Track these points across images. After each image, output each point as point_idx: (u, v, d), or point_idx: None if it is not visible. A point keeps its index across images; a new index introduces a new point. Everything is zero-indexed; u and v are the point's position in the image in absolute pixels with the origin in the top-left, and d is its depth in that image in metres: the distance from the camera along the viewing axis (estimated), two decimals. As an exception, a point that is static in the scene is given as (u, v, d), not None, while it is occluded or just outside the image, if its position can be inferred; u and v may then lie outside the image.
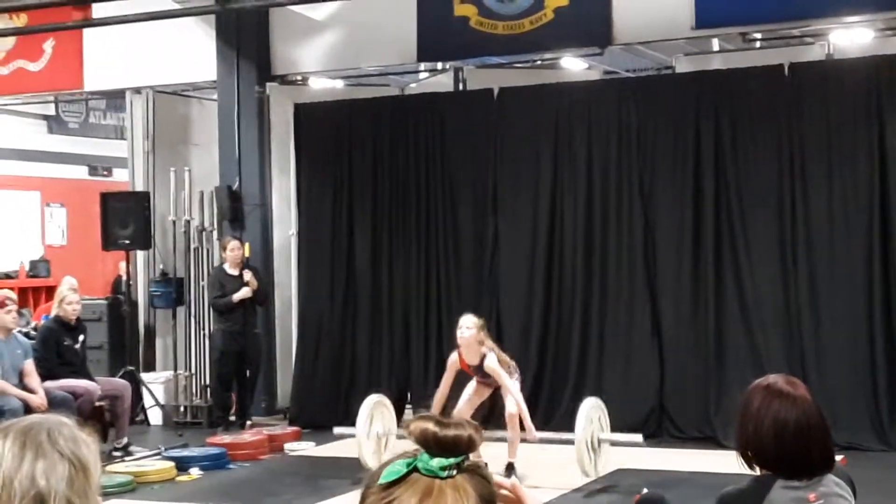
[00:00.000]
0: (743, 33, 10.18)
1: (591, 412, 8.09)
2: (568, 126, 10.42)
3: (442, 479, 1.43)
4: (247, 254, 10.84)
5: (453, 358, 8.25)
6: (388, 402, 8.75)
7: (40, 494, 1.80)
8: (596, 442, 8.10)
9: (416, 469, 1.44)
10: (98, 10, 8.91)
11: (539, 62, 11.40)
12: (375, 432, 8.40)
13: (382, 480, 1.48)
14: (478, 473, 1.47)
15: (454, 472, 1.43)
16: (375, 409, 8.50)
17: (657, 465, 8.62)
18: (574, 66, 11.22)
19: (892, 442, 9.10)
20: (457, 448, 1.45)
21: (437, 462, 1.43)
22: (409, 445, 1.50)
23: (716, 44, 10.96)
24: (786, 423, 3.15)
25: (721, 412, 9.45)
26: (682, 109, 10.01)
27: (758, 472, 3.27)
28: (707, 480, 8.02)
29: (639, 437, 8.40)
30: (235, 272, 10.55)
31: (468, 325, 8.15)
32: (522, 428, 8.06)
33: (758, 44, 10.47)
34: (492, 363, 8.06)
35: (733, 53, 10.62)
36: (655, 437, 9.70)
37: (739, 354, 9.59)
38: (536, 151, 10.47)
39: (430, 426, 1.46)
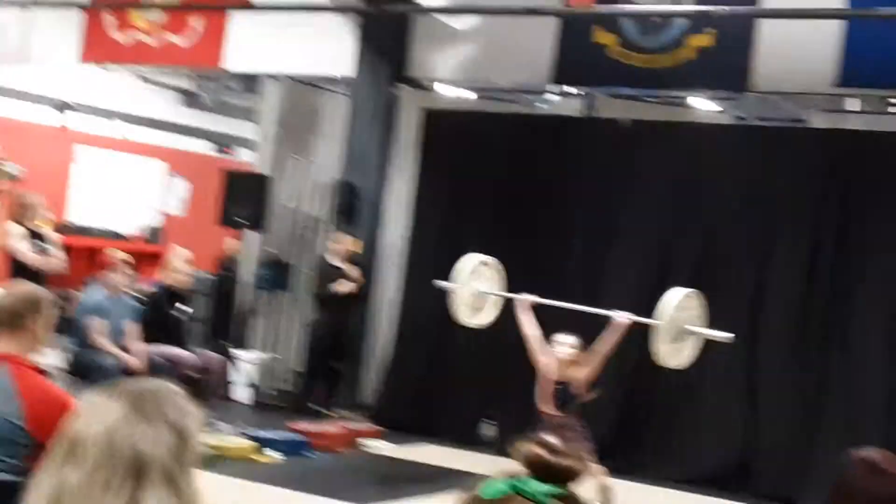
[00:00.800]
0: (885, 97, 9.96)
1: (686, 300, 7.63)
2: (693, 167, 10.30)
3: (538, 501, 1.44)
4: (358, 250, 10.94)
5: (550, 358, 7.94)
6: (494, 262, 8.49)
7: (141, 460, 1.82)
8: (681, 333, 7.63)
9: (518, 491, 1.46)
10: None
11: (671, 99, 11.29)
12: (476, 289, 8.25)
13: (483, 494, 1.48)
14: (576, 503, 1.48)
15: (556, 500, 1.45)
16: (478, 268, 8.35)
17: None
18: (705, 107, 11.10)
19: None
20: (564, 477, 1.46)
21: (540, 487, 1.45)
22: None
23: (854, 104, 10.74)
24: (879, 501, 3.07)
25: (808, 476, 9.24)
26: (812, 166, 9.83)
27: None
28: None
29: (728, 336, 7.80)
30: (340, 265, 10.66)
31: (569, 345, 7.84)
32: None
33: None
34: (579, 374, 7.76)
35: (868, 116, 10.39)
36: (738, 492, 9.52)
37: (837, 424, 9.34)
38: (657, 189, 10.37)
39: (544, 453, 1.47)
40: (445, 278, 11.12)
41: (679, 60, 10.11)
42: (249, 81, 13.87)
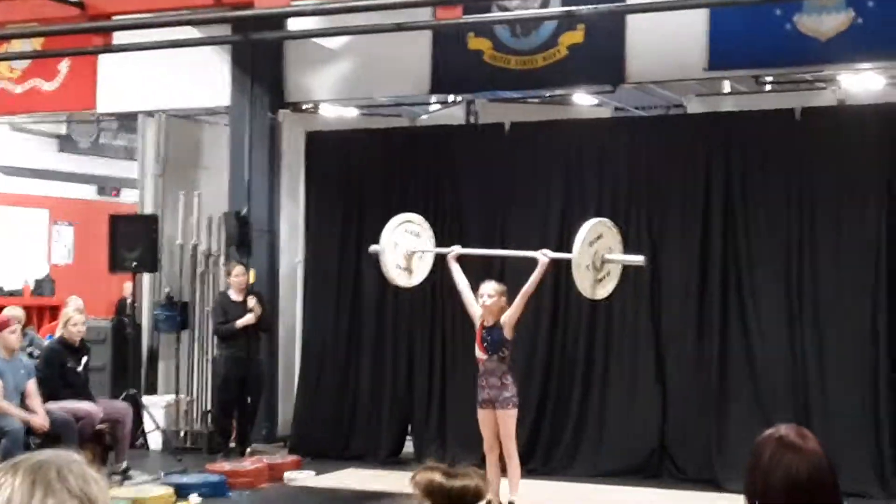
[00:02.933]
0: (755, 76, 10.21)
1: (593, 231, 7.77)
2: (578, 163, 10.43)
3: None
4: (252, 280, 10.83)
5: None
6: (420, 220, 8.56)
7: None
8: (599, 262, 7.79)
9: None
10: (118, 37, 8.94)
11: (550, 97, 11.42)
12: (404, 249, 8.25)
13: None
14: None
15: None
16: (397, 233, 8.33)
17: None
18: (585, 101, 11.25)
19: (895, 491, 9.06)
20: (464, 499, 1.42)
21: None
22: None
23: (727, 85, 10.99)
24: (797, 477, 3.13)
25: (723, 455, 9.41)
26: (693, 150, 10.02)
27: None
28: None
29: (639, 258, 8.05)
30: (240, 298, 10.54)
31: (489, 293, 8.17)
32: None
33: (769, 87, 10.49)
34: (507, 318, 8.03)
35: (744, 96, 10.64)
36: (656, 477, 9.66)
37: (743, 400, 9.55)
38: (546, 187, 10.47)
39: (437, 477, 1.43)
40: (345, 298, 11.11)
41: (553, 59, 10.23)
42: (126, 120, 13.65)
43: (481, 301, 8.21)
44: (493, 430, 8.16)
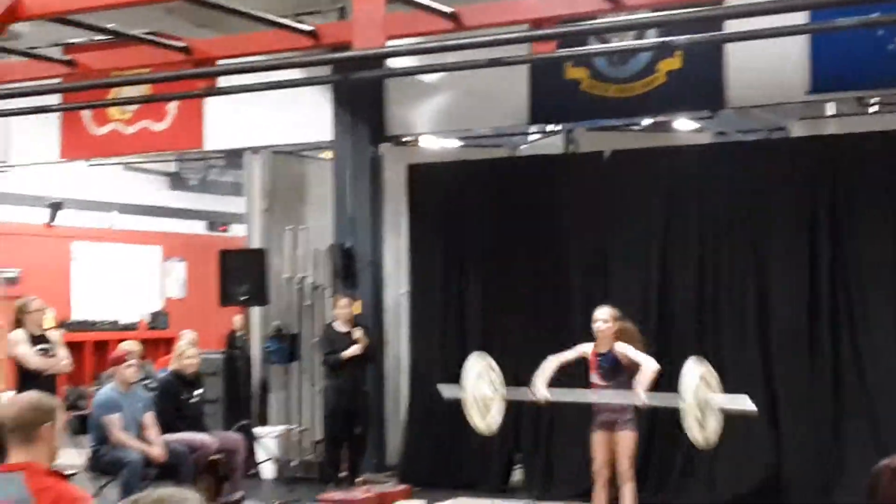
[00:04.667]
0: (859, 98, 10.08)
1: (698, 369, 7.70)
2: (679, 189, 10.40)
3: None
4: (357, 311, 11.00)
5: (583, 347, 8.20)
6: (493, 363, 8.58)
7: None
8: (704, 404, 7.66)
9: None
10: (222, 79, 9.23)
11: (649, 125, 11.42)
12: (483, 393, 8.32)
13: None
14: None
15: None
16: (483, 371, 8.42)
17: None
18: (684, 126, 11.22)
19: None
20: None
21: None
22: None
23: (831, 108, 10.86)
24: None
25: (840, 481, 9.26)
26: (797, 174, 9.92)
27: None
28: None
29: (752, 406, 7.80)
30: (345, 329, 10.72)
31: (604, 318, 8.12)
32: None
33: (874, 108, 10.34)
34: (622, 347, 8.02)
35: (849, 118, 10.51)
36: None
37: (858, 424, 9.39)
38: (647, 214, 10.47)
39: None
40: (450, 328, 11.23)
41: (651, 86, 10.24)
42: (233, 157, 14.01)
43: (595, 326, 8.15)
44: (608, 454, 8.13)
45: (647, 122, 11.34)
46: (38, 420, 4.07)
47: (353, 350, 10.61)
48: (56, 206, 15.82)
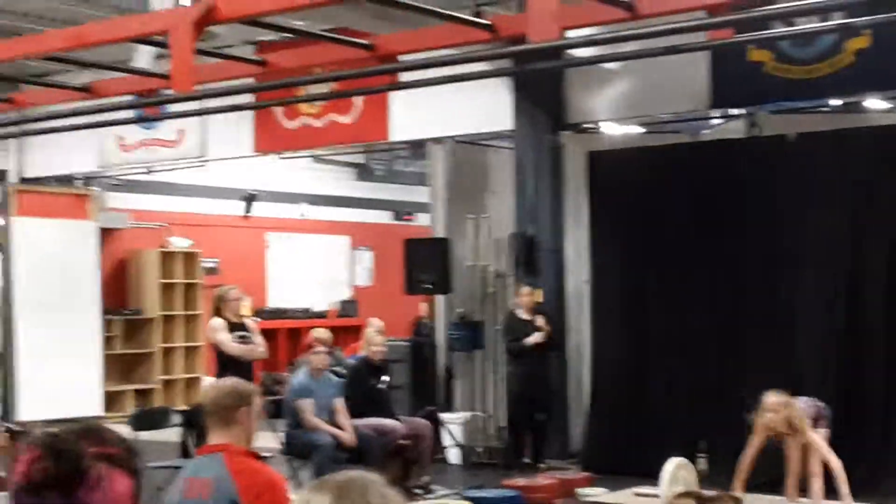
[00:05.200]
0: None
1: None
2: (870, 171, 10.10)
3: None
4: (539, 300, 11.10)
5: (763, 422, 8.24)
6: (689, 465, 8.68)
7: None
8: None
9: None
10: (404, 76, 9.48)
11: (837, 106, 11.09)
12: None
13: None
14: None
15: None
16: (678, 471, 8.47)
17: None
18: (874, 106, 10.84)
19: None
20: None
21: None
22: None
23: None
24: None
25: None
26: None
27: None
28: None
29: None
30: (528, 317, 10.85)
31: (772, 409, 8.25)
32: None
33: None
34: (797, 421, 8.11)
35: None
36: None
37: None
38: (835, 199, 10.20)
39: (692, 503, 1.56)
40: (633, 316, 11.21)
41: (838, 67, 9.97)
42: (417, 148, 14.29)
43: (768, 416, 8.29)
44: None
45: (834, 103, 11.01)
46: (235, 404, 4.34)
47: (536, 337, 10.74)
48: (251, 198, 16.47)
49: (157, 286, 15.61)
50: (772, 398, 8.29)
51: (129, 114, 9.53)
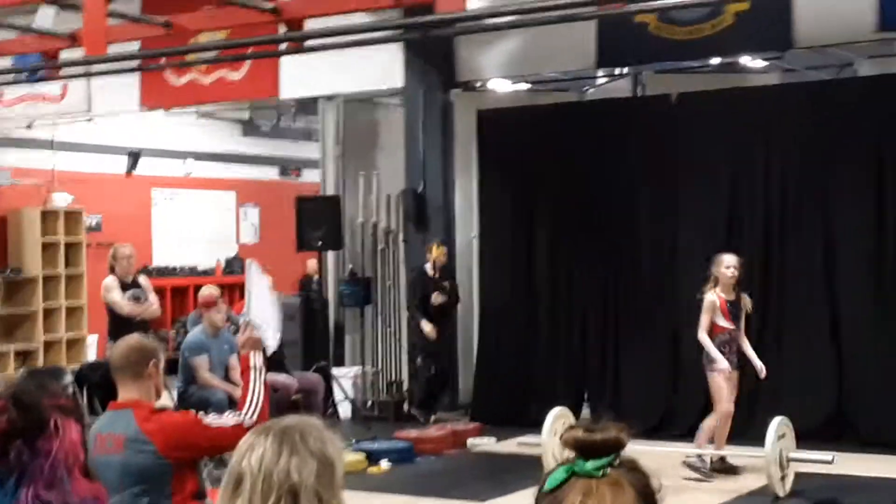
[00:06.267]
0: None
1: (780, 429, 8.09)
2: (747, 130, 10.47)
3: (598, 478, 1.66)
4: (443, 257, 11.19)
5: (710, 298, 8.54)
6: (569, 414, 8.94)
7: (294, 487, 2.18)
8: (785, 460, 8.09)
9: (574, 473, 1.67)
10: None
11: (718, 65, 11.44)
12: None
13: (547, 487, 1.68)
14: (633, 468, 1.70)
15: (608, 470, 1.66)
16: (556, 422, 8.73)
17: (837, 471, 8.62)
18: (753, 65, 11.22)
19: None
20: (605, 449, 1.67)
21: (590, 464, 1.66)
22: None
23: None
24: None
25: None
26: (865, 114, 9.94)
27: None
28: (890, 486, 8.07)
29: (829, 456, 8.24)
30: (435, 274, 11.03)
31: (735, 266, 8.57)
32: None
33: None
34: (746, 298, 8.60)
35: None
36: (835, 441, 9.68)
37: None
38: (715, 156, 10.56)
39: (580, 434, 1.69)
40: (519, 271, 11.46)
41: (720, 28, 10.28)
42: (306, 104, 14.24)
43: (729, 273, 8.54)
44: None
45: (715, 62, 11.35)
46: (144, 359, 4.40)
47: (441, 297, 10.92)
48: (135, 155, 16.22)
49: (38, 245, 15.29)
50: (732, 256, 8.67)
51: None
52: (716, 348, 8.47)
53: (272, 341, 4.78)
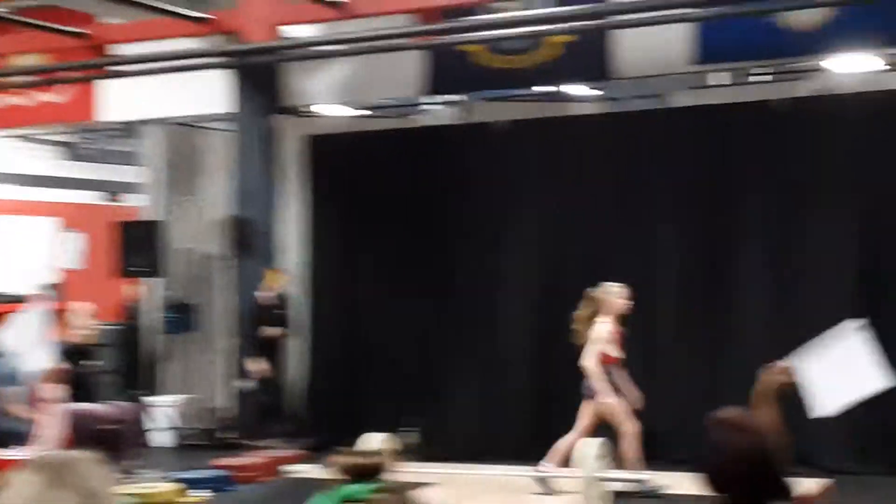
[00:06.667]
0: (741, 69, 10.40)
1: (599, 450, 8.18)
2: (572, 158, 10.67)
3: (362, 500, 1.66)
4: (278, 285, 11.01)
5: (605, 328, 8.61)
6: (393, 439, 8.85)
7: None
8: (601, 480, 8.16)
9: (345, 498, 1.67)
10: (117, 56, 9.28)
11: (545, 95, 11.61)
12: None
13: None
14: (397, 492, 1.70)
15: (372, 493, 1.67)
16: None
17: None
18: (581, 93, 11.39)
19: (876, 467, 9.36)
20: (369, 474, 1.68)
21: (359, 488, 1.66)
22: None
23: (722, 78, 11.13)
24: (740, 455, 3.38)
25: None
26: (681, 143, 10.25)
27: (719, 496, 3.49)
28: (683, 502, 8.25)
29: (645, 476, 8.41)
30: (271, 302, 10.82)
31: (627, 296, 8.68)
32: None
33: (755, 79, 10.68)
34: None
35: (732, 88, 10.82)
36: (653, 459, 9.85)
37: (733, 386, 9.73)
38: (540, 183, 10.72)
39: (347, 459, 1.70)
40: (347, 297, 11.37)
41: (544, 58, 10.45)
42: (129, 127, 13.90)
43: (622, 302, 8.62)
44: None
45: (542, 91, 11.51)
46: None
47: (274, 331, 10.72)
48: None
49: None
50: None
51: None
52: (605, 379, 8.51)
53: (34, 364, 4.55)
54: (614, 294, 8.60)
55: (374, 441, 8.52)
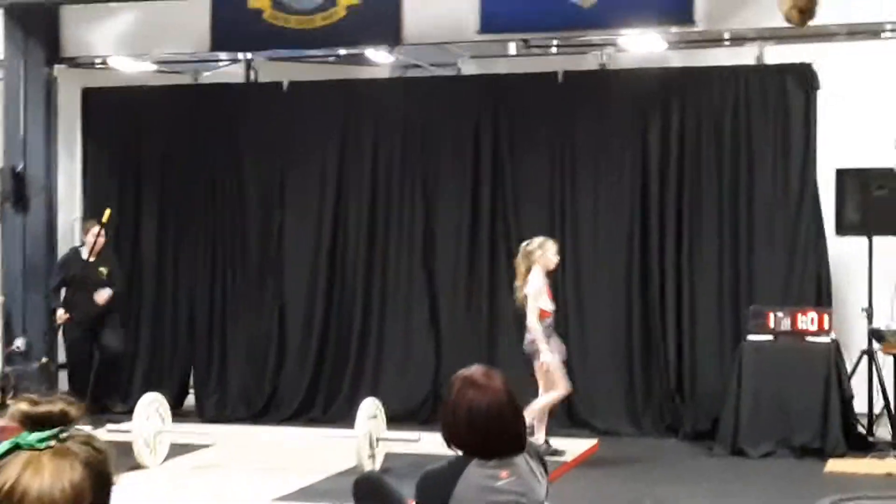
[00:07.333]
0: (524, 40, 10.63)
1: (370, 410, 8.28)
2: (355, 122, 10.71)
3: (41, 450, 1.61)
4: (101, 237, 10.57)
5: (540, 282, 8.66)
6: (162, 399, 8.74)
7: None
8: (375, 440, 8.29)
9: (18, 445, 1.62)
10: None
11: (331, 57, 11.59)
12: (153, 431, 8.46)
13: None
14: (85, 443, 1.66)
15: (52, 442, 1.62)
16: (150, 408, 8.54)
17: (427, 450, 8.92)
18: (374, 58, 11.38)
19: (645, 428, 9.79)
20: (50, 422, 1.63)
21: (34, 436, 1.61)
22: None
23: (510, 47, 11.33)
24: (477, 410, 3.52)
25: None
26: (465, 110, 10.44)
27: (459, 452, 3.62)
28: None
29: (416, 435, 8.52)
30: (91, 257, 10.39)
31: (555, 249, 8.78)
32: None
33: (537, 50, 10.94)
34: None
35: (515, 58, 11.06)
36: (430, 422, 10.04)
37: (510, 346, 10.03)
38: (324, 146, 10.72)
39: (24, 406, 1.64)
40: (125, 256, 11.10)
41: (331, 20, 10.40)
42: None
43: (556, 259, 8.73)
44: None
45: (334, 53, 11.47)
46: None
47: (105, 294, 10.30)
48: None
49: None
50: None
51: None
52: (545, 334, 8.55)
53: None
54: (549, 251, 8.67)
55: (151, 401, 8.43)
